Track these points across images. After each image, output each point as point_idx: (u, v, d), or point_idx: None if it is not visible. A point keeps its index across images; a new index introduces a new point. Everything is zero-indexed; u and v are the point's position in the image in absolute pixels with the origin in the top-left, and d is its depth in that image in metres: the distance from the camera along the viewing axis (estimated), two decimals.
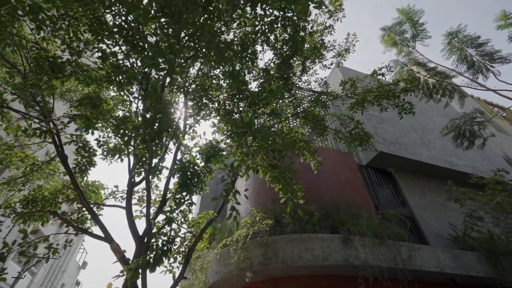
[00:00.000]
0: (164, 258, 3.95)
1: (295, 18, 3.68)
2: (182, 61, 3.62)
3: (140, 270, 3.84)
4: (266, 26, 4.33)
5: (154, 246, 4.20)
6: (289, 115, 6.45)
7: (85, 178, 4.84)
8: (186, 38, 3.58)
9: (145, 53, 3.82)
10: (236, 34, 4.94)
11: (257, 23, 4.42)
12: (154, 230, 5.02)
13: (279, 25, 4.28)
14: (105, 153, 5.12)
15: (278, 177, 4.01)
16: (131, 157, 5.46)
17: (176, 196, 5.20)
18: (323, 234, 5.51)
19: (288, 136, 4.56)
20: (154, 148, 3.50)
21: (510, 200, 5.20)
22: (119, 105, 6.20)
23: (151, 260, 3.78)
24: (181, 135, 3.70)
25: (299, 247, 5.27)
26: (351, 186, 7.78)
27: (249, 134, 3.94)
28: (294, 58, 4.42)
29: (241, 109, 5.80)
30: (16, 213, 5.35)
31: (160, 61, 3.04)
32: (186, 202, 5.02)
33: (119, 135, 3.40)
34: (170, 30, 3.63)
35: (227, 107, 5.91)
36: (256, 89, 5.61)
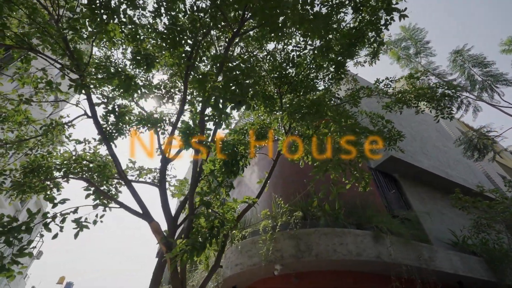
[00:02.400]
0: (213, 242, 3.55)
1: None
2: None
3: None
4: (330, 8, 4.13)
5: (194, 229, 3.77)
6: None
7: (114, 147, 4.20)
8: None
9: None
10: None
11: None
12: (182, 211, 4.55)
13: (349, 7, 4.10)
14: (136, 121, 4.53)
15: (342, 162, 3.80)
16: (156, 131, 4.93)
17: (209, 178, 4.78)
18: (355, 229, 5.43)
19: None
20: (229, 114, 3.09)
21: None
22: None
23: (197, 244, 3.35)
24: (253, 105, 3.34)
25: (333, 241, 5.12)
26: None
27: (320, 114, 3.69)
28: (358, 44, 4.25)
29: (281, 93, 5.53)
30: (15, 182, 4.53)
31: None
32: (224, 185, 4.62)
33: (200, 92, 2.94)
34: None
35: (265, 90, 5.60)
36: (293, 74, 5.39)
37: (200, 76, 2.94)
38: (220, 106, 3.03)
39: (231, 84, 2.89)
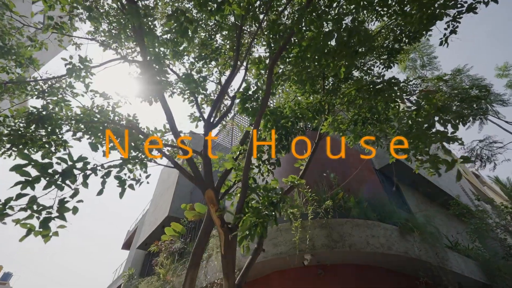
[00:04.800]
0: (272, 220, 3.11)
1: None
2: None
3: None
4: None
5: (250, 207, 3.31)
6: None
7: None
8: None
9: None
10: None
11: None
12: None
13: None
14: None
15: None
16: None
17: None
18: (384, 223, 5.31)
19: None
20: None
21: None
22: None
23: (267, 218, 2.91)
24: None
25: (366, 233, 4.94)
26: (374, 186, 7.91)
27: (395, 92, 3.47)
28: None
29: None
30: (13, 131, 3.66)
31: None
32: (268, 162, 4.19)
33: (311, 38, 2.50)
34: None
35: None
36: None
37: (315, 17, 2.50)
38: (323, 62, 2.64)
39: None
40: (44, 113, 3.70)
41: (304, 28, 3.01)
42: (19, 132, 3.67)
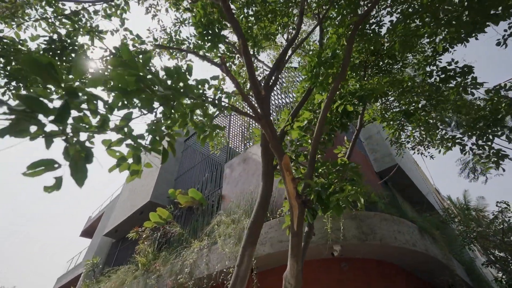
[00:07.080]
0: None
1: None
2: None
3: None
4: None
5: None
6: None
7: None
8: None
9: None
10: None
11: None
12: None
13: None
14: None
15: None
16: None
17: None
18: (407, 220, 5.27)
19: None
20: None
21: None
22: None
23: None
24: None
25: (393, 228, 4.82)
26: (375, 188, 7.99)
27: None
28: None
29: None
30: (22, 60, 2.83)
31: None
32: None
33: None
34: None
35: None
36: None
37: None
38: None
39: None
40: (68, 41, 2.93)
41: None
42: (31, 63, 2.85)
